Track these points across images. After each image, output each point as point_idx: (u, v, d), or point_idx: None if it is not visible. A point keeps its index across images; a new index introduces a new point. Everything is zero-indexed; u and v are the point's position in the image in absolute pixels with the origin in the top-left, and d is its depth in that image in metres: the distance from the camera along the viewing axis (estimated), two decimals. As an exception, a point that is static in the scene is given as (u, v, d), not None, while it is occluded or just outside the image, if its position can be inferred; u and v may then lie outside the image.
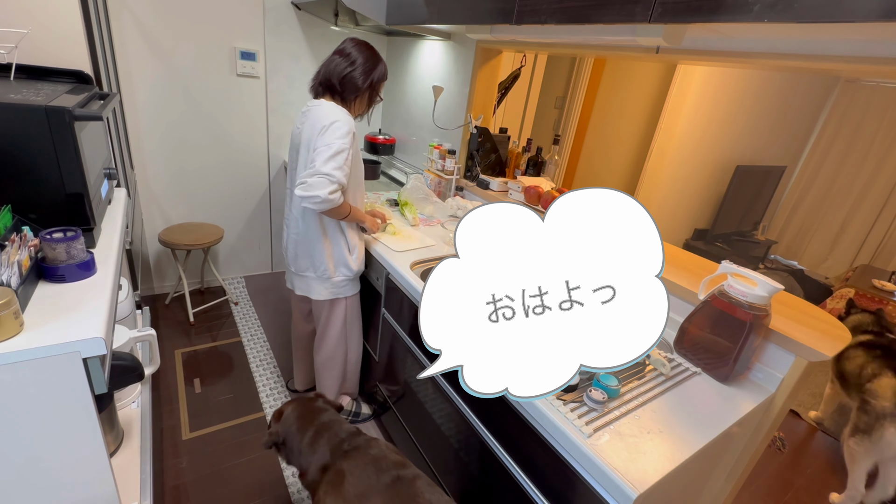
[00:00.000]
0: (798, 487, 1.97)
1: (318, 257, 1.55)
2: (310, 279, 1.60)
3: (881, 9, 0.64)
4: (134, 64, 2.17)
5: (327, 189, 1.30)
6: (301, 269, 1.59)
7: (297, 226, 1.55)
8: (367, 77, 1.45)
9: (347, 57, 1.44)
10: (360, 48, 1.45)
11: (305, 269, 1.58)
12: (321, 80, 1.46)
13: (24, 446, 0.82)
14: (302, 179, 1.33)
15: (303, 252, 1.56)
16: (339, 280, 1.60)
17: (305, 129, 1.42)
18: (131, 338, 1.27)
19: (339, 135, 1.33)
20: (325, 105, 1.41)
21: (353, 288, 1.66)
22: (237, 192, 2.71)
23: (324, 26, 2.55)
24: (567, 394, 0.95)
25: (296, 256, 1.59)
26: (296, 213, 1.54)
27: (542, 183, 1.88)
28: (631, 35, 1.14)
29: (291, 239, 1.59)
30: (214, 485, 1.58)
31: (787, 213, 4.49)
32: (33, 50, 1.35)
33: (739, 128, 3.75)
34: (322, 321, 1.69)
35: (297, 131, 1.49)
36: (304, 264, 1.58)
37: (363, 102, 1.50)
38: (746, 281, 1.03)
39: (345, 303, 1.66)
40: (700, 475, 1.13)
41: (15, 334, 0.76)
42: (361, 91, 1.46)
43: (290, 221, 1.59)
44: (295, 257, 1.59)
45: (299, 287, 1.65)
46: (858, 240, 4.10)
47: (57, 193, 0.99)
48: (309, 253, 1.55)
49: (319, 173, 1.30)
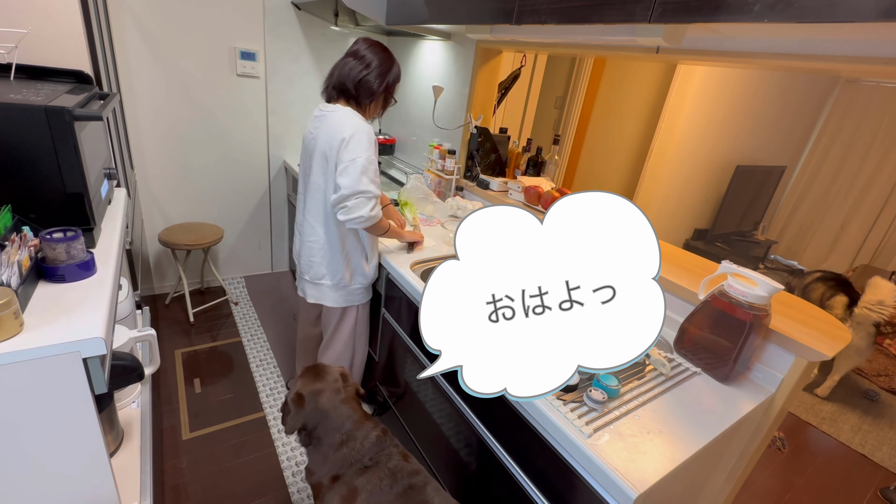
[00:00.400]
0: (798, 487, 1.97)
1: (335, 266, 1.51)
2: (324, 287, 1.56)
3: (881, 9, 0.64)
4: (134, 64, 2.17)
5: (368, 206, 1.31)
6: (316, 277, 1.54)
7: (315, 233, 1.50)
8: (383, 80, 1.41)
9: (362, 59, 1.38)
10: (373, 49, 1.40)
11: (321, 277, 1.54)
12: (335, 84, 1.41)
13: (24, 446, 0.82)
14: (342, 203, 1.32)
15: (319, 260, 1.52)
16: (355, 288, 1.58)
17: (321, 137, 1.38)
18: (131, 338, 1.27)
19: (364, 147, 1.31)
20: (341, 112, 1.37)
21: (366, 295, 1.64)
22: (237, 192, 2.71)
23: (324, 26, 2.55)
24: (567, 394, 0.95)
25: (311, 264, 1.54)
26: (312, 221, 1.49)
27: (542, 183, 1.88)
28: (631, 35, 1.14)
29: (306, 246, 1.53)
30: (214, 485, 1.58)
31: (787, 213, 4.49)
32: (33, 50, 1.35)
33: (739, 128, 3.75)
34: (332, 328, 1.66)
35: (310, 136, 1.44)
36: (319, 272, 1.53)
37: (378, 105, 1.46)
38: (746, 281, 1.03)
39: (356, 310, 1.64)
40: (700, 475, 1.13)
41: (15, 334, 0.76)
42: (377, 95, 1.41)
43: (304, 228, 1.54)
44: (310, 265, 1.54)
45: (312, 295, 1.60)
46: (858, 240, 4.10)
47: (57, 193, 0.99)
48: (326, 261, 1.51)
49: (356, 193, 1.29)
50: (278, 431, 1.83)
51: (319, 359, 1.77)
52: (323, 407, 1.16)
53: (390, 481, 1.05)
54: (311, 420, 1.16)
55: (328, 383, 1.21)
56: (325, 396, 1.18)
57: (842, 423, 2.43)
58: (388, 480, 1.06)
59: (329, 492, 1.09)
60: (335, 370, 1.25)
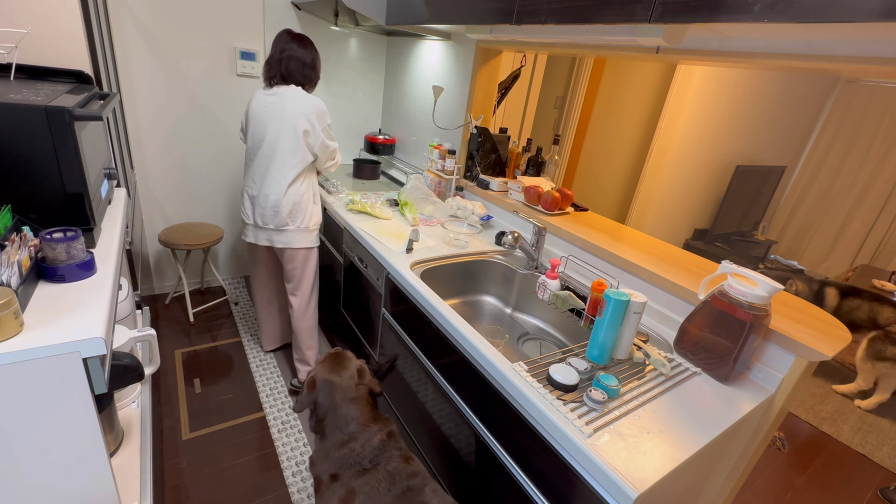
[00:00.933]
0: (798, 487, 1.97)
1: (301, 211, 1.81)
2: (290, 232, 1.83)
3: (881, 9, 0.64)
4: (134, 64, 2.17)
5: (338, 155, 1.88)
6: (282, 224, 1.80)
7: (280, 187, 1.76)
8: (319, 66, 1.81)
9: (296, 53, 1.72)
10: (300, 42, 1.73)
11: (285, 224, 1.80)
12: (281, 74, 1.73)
13: (24, 446, 0.82)
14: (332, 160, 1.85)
15: (287, 208, 1.78)
16: (314, 230, 1.89)
17: (288, 112, 1.69)
18: (131, 338, 1.27)
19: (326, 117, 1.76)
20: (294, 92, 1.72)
21: (318, 238, 1.95)
22: (237, 192, 2.71)
23: (324, 26, 2.55)
24: (567, 394, 0.95)
25: (276, 214, 1.79)
26: (278, 177, 1.76)
27: (542, 183, 1.87)
28: (631, 35, 1.14)
29: (271, 200, 1.77)
30: (214, 485, 1.58)
31: (787, 213, 4.49)
32: (33, 50, 1.35)
33: (739, 128, 3.75)
34: (297, 272, 1.92)
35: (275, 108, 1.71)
36: (285, 219, 1.80)
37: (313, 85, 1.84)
38: (746, 281, 1.03)
39: (315, 251, 1.95)
40: (700, 475, 1.13)
41: (15, 334, 0.76)
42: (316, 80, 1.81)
43: (269, 184, 1.77)
44: (275, 215, 1.79)
45: (279, 241, 1.85)
46: (858, 240, 4.10)
47: (57, 193, 0.99)
48: (293, 208, 1.79)
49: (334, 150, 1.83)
50: (278, 431, 1.83)
51: (292, 313, 1.99)
52: (332, 402, 1.18)
53: (388, 483, 1.06)
54: (320, 410, 1.18)
55: (343, 378, 1.22)
56: (336, 392, 1.19)
57: (842, 423, 2.43)
58: (387, 483, 1.06)
59: (327, 490, 1.09)
60: (354, 364, 1.27)
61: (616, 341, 1.06)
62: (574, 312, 1.44)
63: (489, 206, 2.04)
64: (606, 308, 1.01)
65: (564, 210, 1.81)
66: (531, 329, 1.60)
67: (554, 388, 0.96)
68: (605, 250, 1.47)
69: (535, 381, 0.98)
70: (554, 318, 1.56)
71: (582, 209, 1.88)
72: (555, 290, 1.44)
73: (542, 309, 1.59)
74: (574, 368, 1.00)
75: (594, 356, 1.06)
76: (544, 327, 1.59)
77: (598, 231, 1.63)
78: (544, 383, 0.97)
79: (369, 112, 2.96)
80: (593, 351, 1.06)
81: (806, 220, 4.39)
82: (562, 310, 1.45)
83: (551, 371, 0.98)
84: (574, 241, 1.60)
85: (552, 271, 1.45)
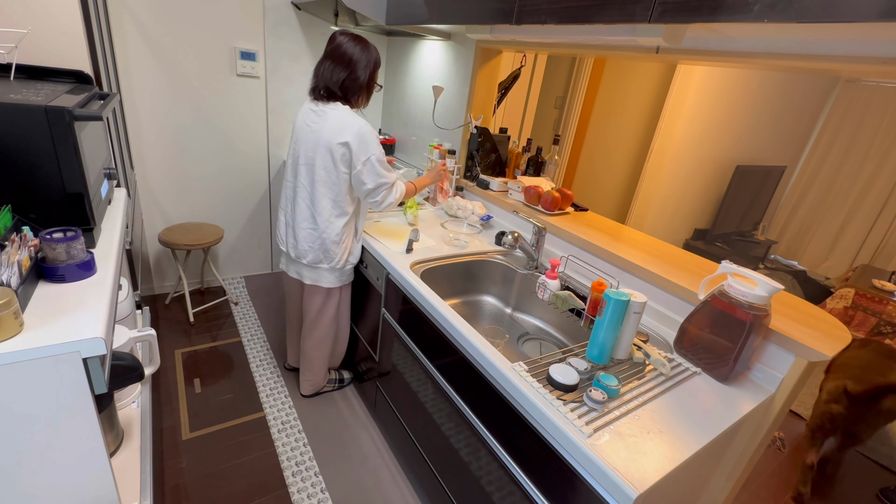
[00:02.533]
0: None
1: (334, 250, 1.62)
2: (322, 270, 1.67)
3: (881, 9, 0.64)
4: (134, 64, 2.17)
5: (393, 193, 1.55)
6: (314, 262, 1.64)
7: (314, 222, 1.59)
8: (365, 74, 1.51)
9: (341, 60, 1.47)
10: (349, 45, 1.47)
11: (319, 261, 1.64)
12: (322, 87, 1.50)
13: (24, 446, 0.82)
14: (371, 197, 1.54)
15: (319, 246, 1.61)
16: (348, 269, 1.72)
17: (325, 134, 1.47)
18: (131, 338, 1.27)
19: (371, 145, 1.48)
20: (340, 112, 1.48)
21: (352, 274, 1.79)
22: (237, 192, 2.71)
23: (324, 26, 2.55)
24: (567, 394, 0.95)
25: (308, 250, 1.63)
26: (311, 209, 1.57)
27: (541, 183, 1.87)
28: (631, 35, 1.14)
29: (304, 233, 1.62)
30: (214, 485, 1.58)
31: (787, 213, 4.49)
32: (33, 50, 1.35)
33: (739, 128, 3.75)
34: (316, 307, 1.76)
35: (309, 130, 1.52)
36: (318, 257, 1.63)
37: (364, 97, 1.57)
38: (746, 281, 1.03)
39: (340, 292, 1.78)
40: (700, 475, 1.13)
41: (15, 334, 0.76)
42: (361, 90, 1.53)
43: (299, 217, 1.61)
44: (307, 251, 1.63)
45: (309, 277, 1.70)
46: (858, 240, 4.10)
47: (57, 193, 0.99)
48: (326, 247, 1.61)
49: (379, 186, 1.51)
50: (278, 431, 1.83)
51: (305, 338, 1.86)
52: None
53: None
54: None
55: None
56: None
57: None
58: None
59: None
60: None
61: (616, 341, 1.06)
62: (574, 312, 1.44)
63: (489, 206, 2.04)
64: (606, 308, 1.01)
65: (564, 210, 1.81)
66: (531, 329, 1.60)
67: (554, 388, 0.96)
68: (604, 250, 1.47)
69: (535, 381, 0.98)
70: (554, 318, 1.56)
71: (582, 209, 1.88)
72: (555, 290, 1.44)
73: (542, 309, 1.59)
74: (574, 368, 1.00)
75: (594, 356, 1.06)
76: (544, 327, 1.59)
77: (598, 231, 1.63)
78: (544, 383, 0.97)
79: (369, 112, 2.97)
80: (593, 351, 1.06)
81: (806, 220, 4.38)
82: (562, 310, 1.45)
83: (551, 371, 0.98)
84: (574, 241, 1.60)
85: (552, 271, 1.45)
